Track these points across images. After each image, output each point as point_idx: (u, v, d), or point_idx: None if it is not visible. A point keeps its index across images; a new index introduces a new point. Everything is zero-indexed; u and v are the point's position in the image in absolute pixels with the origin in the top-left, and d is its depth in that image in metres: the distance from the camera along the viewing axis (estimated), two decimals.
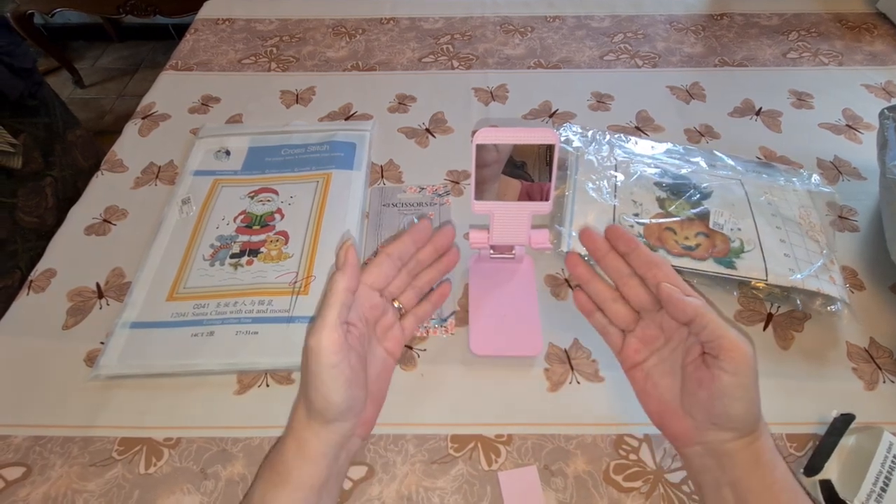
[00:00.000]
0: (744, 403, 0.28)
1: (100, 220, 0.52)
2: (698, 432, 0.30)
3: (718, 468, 0.30)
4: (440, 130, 0.60)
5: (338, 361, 0.29)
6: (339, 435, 0.31)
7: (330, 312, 0.29)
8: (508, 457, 0.37)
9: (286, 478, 0.30)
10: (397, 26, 0.76)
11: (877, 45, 0.71)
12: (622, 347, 0.35)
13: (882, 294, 0.45)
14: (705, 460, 0.30)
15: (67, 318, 0.45)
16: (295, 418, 0.32)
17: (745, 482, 0.29)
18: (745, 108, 0.62)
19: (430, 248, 0.38)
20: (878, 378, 0.40)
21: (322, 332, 0.29)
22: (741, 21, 0.76)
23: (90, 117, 1.80)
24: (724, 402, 0.28)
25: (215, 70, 0.69)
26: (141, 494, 0.36)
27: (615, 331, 0.36)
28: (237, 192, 0.52)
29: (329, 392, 0.29)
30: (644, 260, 0.33)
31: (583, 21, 0.76)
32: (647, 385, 0.33)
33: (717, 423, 0.29)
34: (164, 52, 2.01)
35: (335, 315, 0.29)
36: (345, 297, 0.30)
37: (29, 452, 0.38)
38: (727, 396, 0.28)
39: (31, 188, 0.79)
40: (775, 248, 0.44)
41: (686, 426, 0.31)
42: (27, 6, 1.59)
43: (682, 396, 0.31)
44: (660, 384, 0.33)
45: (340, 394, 0.30)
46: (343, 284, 0.30)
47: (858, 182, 0.54)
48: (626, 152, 0.54)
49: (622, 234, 0.34)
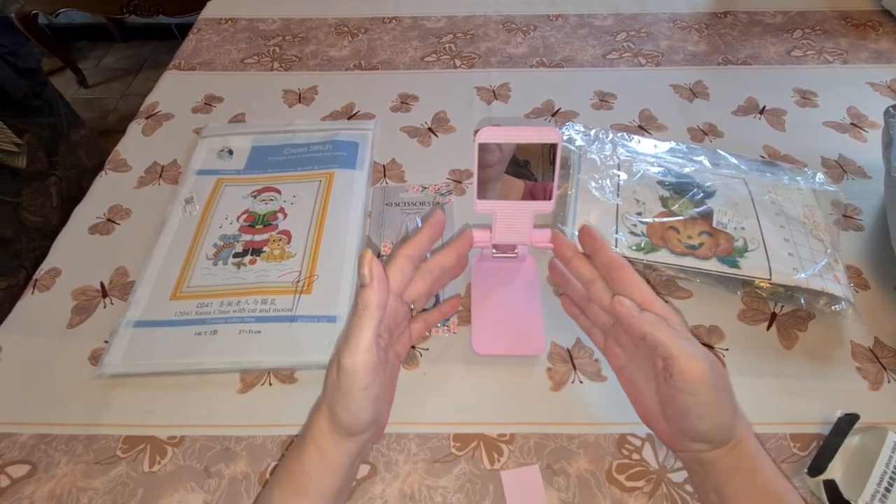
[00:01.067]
0: (708, 421, 0.28)
1: (104, 220, 0.52)
2: (678, 442, 0.31)
3: (702, 473, 0.30)
4: (442, 130, 0.60)
5: (370, 382, 0.29)
6: (360, 445, 0.31)
7: (365, 334, 0.28)
8: (511, 456, 0.37)
9: (307, 487, 0.30)
10: (400, 25, 0.76)
11: (882, 42, 0.71)
12: (605, 350, 0.35)
13: (887, 293, 0.45)
14: (692, 465, 0.31)
15: (72, 317, 0.45)
16: (315, 427, 0.31)
17: (726, 488, 0.29)
18: (748, 106, 0.62)
19: (453, 254, 0.35)
20: (882, 378, 0.40)
21: (357, 353, 0.28)
22: (745, 19, 0.76)
23: (94, 117, 1.81)
24: (689, 420, 0.28)
25: (218, 69, 0.70)
26: (145, 492, 0.36)
27: (598, 332, 0.35)
28: (240, 192, 0.52)
29: (359, 411, 0.29)
30: (604, 262, 0.32)
31: (585, 19, 0.76)
32: (633, 390, 0.33)
33: (689, 437, 0.29)
34: (167, 52, 2.01)
35: (371, 335, 0.28)
36: (378, 315, 0.29)
37: (34, 450, 0.38)
38: (690, 415, 0.28)
39: (35, 188, 0.80)
40: (779, 247, 0.44)
41: (666, 432, 0.31)
42: (31, 6, 1.60)
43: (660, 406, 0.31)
44: (643, 390, 0.32)
45: (369, 412, 0.29)
46: (376, 301, 0.29)
47: (863, 181, 0.54)
48: (629, 151, 0.54)
49: (588, 233, 0.33)
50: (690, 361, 0.26)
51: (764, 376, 0.40)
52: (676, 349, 0.27)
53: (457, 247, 0.35)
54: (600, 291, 0.33)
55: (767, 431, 0.38)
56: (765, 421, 0.38)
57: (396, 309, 0.33)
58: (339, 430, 0.30)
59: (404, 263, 0.32)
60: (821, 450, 0.35)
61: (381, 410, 0.31)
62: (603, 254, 0.32)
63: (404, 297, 0.34)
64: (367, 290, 0.29)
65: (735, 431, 0.29)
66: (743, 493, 0.28)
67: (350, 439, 0.31)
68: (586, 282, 0.34)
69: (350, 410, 0.29)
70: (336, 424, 0.30)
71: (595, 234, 0.33)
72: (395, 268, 0.32)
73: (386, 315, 0.31)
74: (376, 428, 0.33)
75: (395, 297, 0.32)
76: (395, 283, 0.32)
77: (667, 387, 0.28)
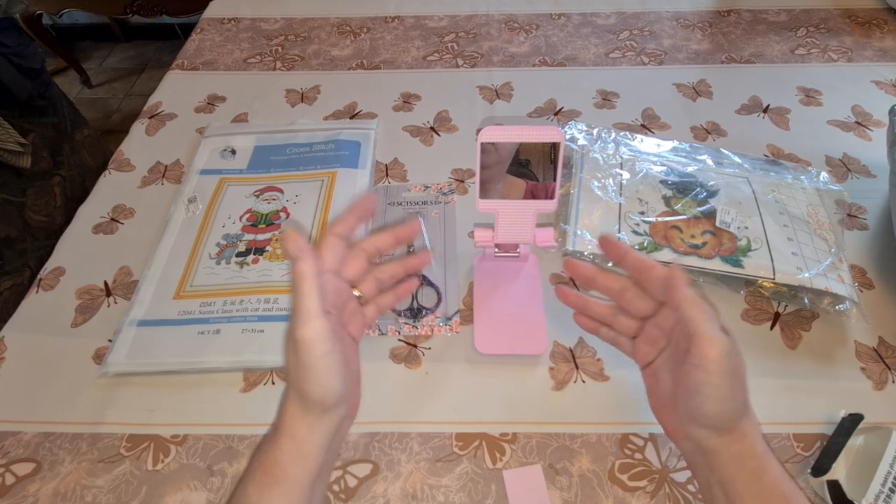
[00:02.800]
0: (715, 403, 0.28)
1: (107, 219, 0.52)
2: (682, 426, 0.31)
3: (707, 466, 0.30)
4: (445, 129, 0.60)
5: (330, 348, 0.29)
6: (335, 422, 0.31)
7: (310, 302, 0.28)
8: (513, 455, 0.37)
9: (282, 478, 0.29)
10: (402, 25, 0.76)
11: (887, 40, 0.70)
12: (634, 352, 0.35)
13: (891, 293, 0.45)
14: (696, 457, 0.31)
15: (76, 316, 0.45)
16: (287, 416, 0.31)
17: (733, 484, 0.29)
18: (752, 105, 0.62)
19: (390, 237, 0.36)
20: (887, 378, 0.40)
21: (308, 321, 0.28)
22: (749, 17, 0.75)
23: (98, 117, 1.82)
24: (696, 399, 0.28)
25: (221, 69, 0.70)
26: (148, 490, 0.36)
27: (625, 340, 0.36)
28: (243, 191, 0.52)
29: (327, 380, 0.29)
30: (634, 265, 0.33)
31: (588, 18, 0.76)
32: (652, 381, 0.34)
33: (694, 419, 0.29)
34: (170, 52, 2.02)
35: (316, 303, 0.28)
36: (315, 283, 0.29)
37: (39, 448, 0.38)
38: (698, 394, 0.28)
39: (39, 187, 0.80)
40: (783, 246, 0.44)
41: (674, 419, 0.32)
42: (35, 7, 1.61)
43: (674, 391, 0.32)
44: (662, 380, 0.33)
45: (338, 379, 0.29)
46: (309, 270, 0.29)
47: (868, 180, 0.53)
48: (632, 150, 0.53)
49: (610, 240, 0.34)
50: (712, 341, 0.27)
51: (767, 376, 0.40)
52: (703, 328, 0.28)
53: (397, 232, 0.36)
54: (634, 298, 0.34)
55: (771, 431, 0.38)
56: (768, 421, 0.37)
57: (337, 286, 0.34)
58: (312, 410, 0.30)
59: (333, 241, 0.33)
60: (824, 450, 0.35)
61: (350, 382, 0.31)
62: (630, 257, 0.33)
63: (343, 275, 0.34)
64: (297, 261, 0.29)
65: (741, 423, 0.29)
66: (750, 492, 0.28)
67: (325, 417, 0.30)
68: (617, 292, 0.34)
69: (318, 382, 0.29)
70: (308, 404, 0.30)
71: (617, 241, 0.34)
72: (326, 246, 0.33)
73: (327, 292, 0.32)
74: (349, 405, 0.32)
75: (332, 275, 0.33)
76: (327, 259, 0.33)
77: (684, 365, 0.29)
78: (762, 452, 0.29)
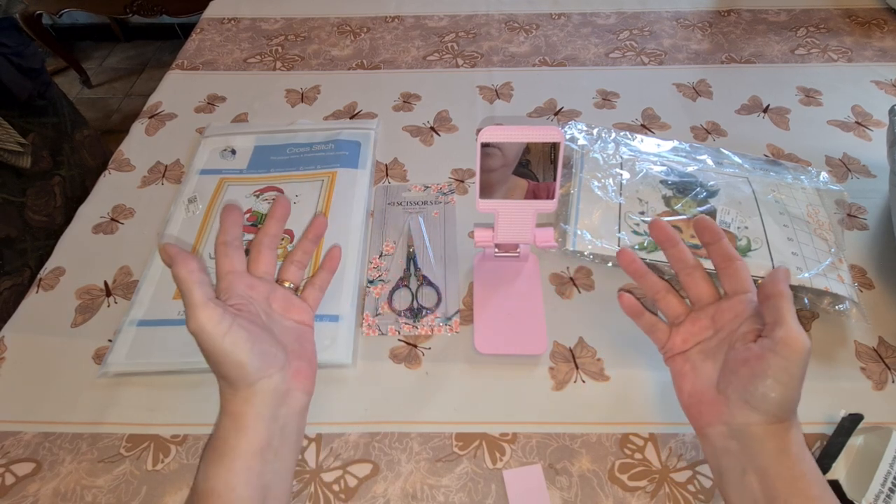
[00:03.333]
0: (784, 388, 0.29)
1: (107, 219, 0.52)
2: (728, 410, 0.31)
3: (743, 452, 0.30)
4: (445, 129, 0.60)
5: (227, 328, 0.30)
6: (270, 393, 0.32)
7: (192, 296, 0.30)
8: (513, 455, 0.37)
9: (223, 451, 0.30)
10: (402, 25, 0.76)
11: (887, 40, 0.70)
12: (667, 341, 0.36)
13: (891, 293, 0.45)
14: (729, 443, 0.30)
15: (76, 316, 0.45)
16: (222, 397, 0.32)
17: (773, 470, 0.29)
18: (752, 105, 0.62)
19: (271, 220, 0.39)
20: (886, 378, 0.40)
21: (194, 314, 0.29)
22: (749, 17, 0.75)
23: (97, 117, 1.82)
24: (765, 383, 0.29)
25: (221, 69, 0.70)
26: (148, 490, 0.36)
27: (663, 327, 0.37)
28: (243, 191, 0.52)
29: (236, 356, 0.30)
30: (723, 253, 0.35)
31: (588, 18, 0.76)
32: (686, 367, 0.34)
33: (749, 402, 0.30)
34: (170, 52, 2.02)
35: (198, 294, 0.30)
36: (197, 277, 0.30)
37: (38, 448, 0.38)
38: (770, 377, 0.29)
39: (39, 187, 0.80)
40: (783, 246, 0.44)
41: (715, 405, 0.32)
42: (35, 7, 1.61)
43: (719, 375, 0.32)
44: (699, 367, 0.34)
45: (246, 351, 0.30)
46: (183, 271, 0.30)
47: (868, 180, 0.53)
48: (632, 150, 0.53)
49: (707, 223, 0.35)
50: (801, 336, 0.29)
51: None
52: (794, 323, 0.29)
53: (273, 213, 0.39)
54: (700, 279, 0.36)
55: None
56: None
57: (249, 282, 0.36)
58: (239, 387, 0.31)
59: (222, 249, 0.36)
60: (824, 450, 0.35)
61: (268, 351, 0.32)
62: (722, 245, 0.35)
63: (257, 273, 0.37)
64: (172, 267, 0.31)
65: (793, 417, 0.30)
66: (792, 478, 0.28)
67: (253, 390, 0.31)
68: (689, 268, 0.36)
69: (229, 363, 0.30)
70: (233, 383, 0.31)
71: (715, 225, 0.35)
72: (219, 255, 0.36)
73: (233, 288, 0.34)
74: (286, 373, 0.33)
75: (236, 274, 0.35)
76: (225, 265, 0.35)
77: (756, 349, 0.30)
78: (802, 443, 0.30)
